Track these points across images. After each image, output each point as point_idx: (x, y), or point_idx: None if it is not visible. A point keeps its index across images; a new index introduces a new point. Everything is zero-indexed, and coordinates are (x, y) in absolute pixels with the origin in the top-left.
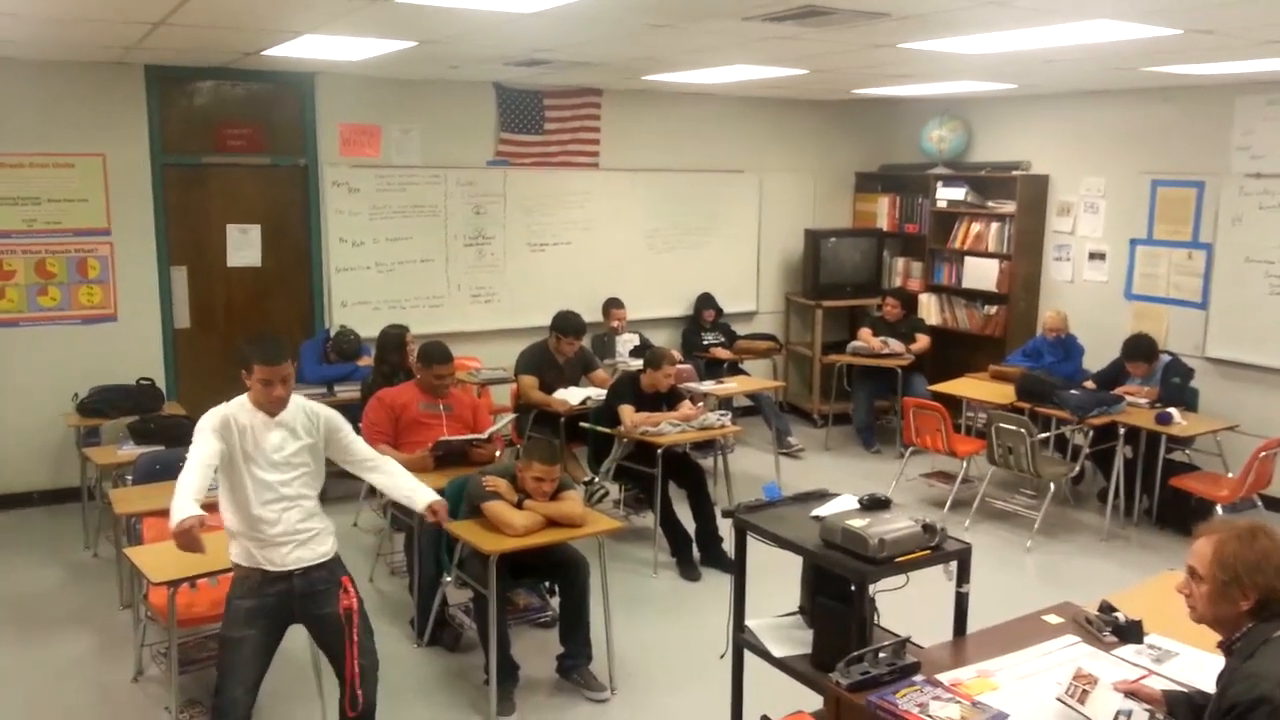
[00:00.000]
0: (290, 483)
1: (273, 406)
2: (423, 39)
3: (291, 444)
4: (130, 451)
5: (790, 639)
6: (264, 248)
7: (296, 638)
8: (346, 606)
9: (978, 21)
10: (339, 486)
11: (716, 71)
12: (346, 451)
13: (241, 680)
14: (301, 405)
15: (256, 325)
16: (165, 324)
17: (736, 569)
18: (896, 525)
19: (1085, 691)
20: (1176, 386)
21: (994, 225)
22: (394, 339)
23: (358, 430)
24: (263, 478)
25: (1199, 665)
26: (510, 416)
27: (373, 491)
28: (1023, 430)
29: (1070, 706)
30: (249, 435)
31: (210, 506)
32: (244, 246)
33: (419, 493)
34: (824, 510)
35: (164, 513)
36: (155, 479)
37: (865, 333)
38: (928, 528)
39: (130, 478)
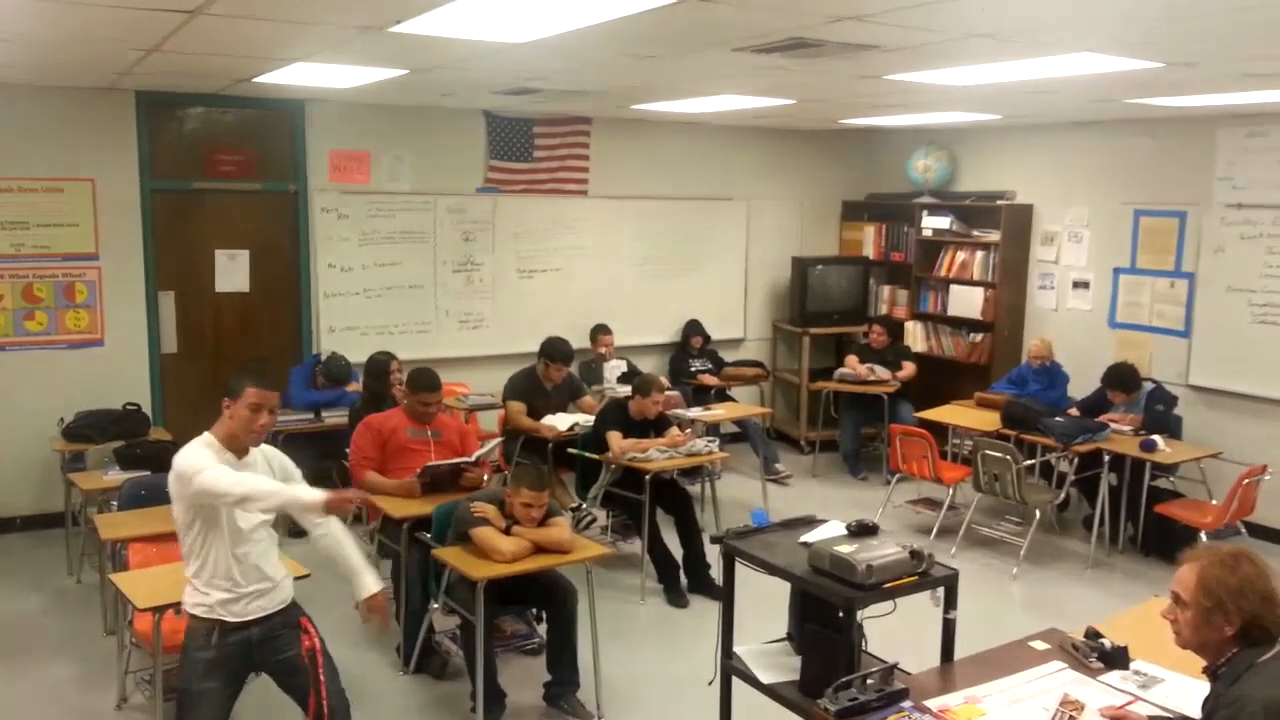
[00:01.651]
0: (257, 529)
1: (254, 436)
2: (414, 68)
3: None
4: (116, 477)
5: (778, 665)
6: (252, 273)
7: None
8: (309, 648)
9: (964, 54)
10: None
11: (705, 101)
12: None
13: None
14: (260, 449)
15: (244, 351)
16: (152, 349)
17: (724, 595)
18: (884, 551)
19: (1072, 718)
20: (1160, 414)
21: (979, 254)
22: (378, 366)
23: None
24: (237, 524)
25: (1185, 691)
26: (498, 440)
27: (357, 518)
28: (1008, 457)
29: None
30: None
31: None
32: (232, 272)
33: (364, 576)
34: (812, 536)
35: (148, 539)
36: (141, 504)
37: (852, 360)
38: (915, 554)
39: (115, 503)
